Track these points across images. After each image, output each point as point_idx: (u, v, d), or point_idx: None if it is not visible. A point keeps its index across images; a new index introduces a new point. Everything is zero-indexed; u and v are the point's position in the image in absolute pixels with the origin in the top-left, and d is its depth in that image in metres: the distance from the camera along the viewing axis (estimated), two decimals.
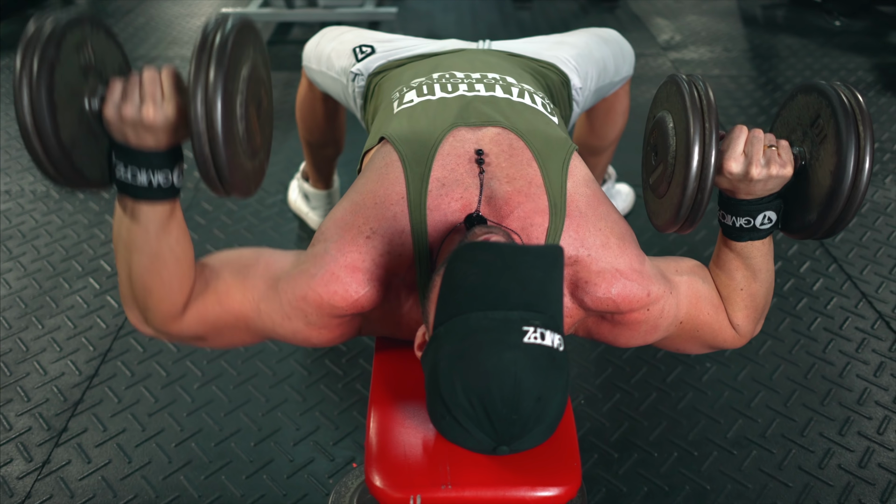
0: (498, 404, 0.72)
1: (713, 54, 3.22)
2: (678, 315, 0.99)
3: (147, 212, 0.87)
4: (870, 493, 1.30)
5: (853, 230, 2.00)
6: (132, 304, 0.97)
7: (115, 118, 0.81)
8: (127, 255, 0.91)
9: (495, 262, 0.74)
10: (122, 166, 0.84)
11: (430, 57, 1.38)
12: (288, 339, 0.98)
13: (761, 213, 0.96)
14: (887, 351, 1.60)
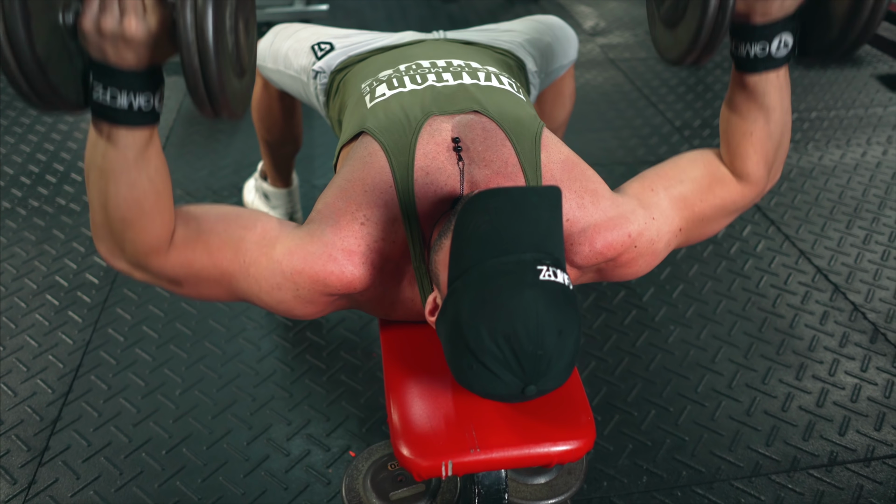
0: (524, 341, 0.76)
1: (637, 38, 3.37)
2: (672, 227, 1.04)
3: (125, 137, 0.83)
4: (829, 428, 1.42)
5: (785, 194, 2.15)
6: (106, 236, 0.93)
7: (93, 32, 0.77)
8: (102, 184, 0.87)
9: (505, 207, 0.78)
10: (101, 87, 0.79)
11: (391, 49, 1.41)
12: (268, 306, 0.99)
13: (777, 35, 0.93)
14: (828, 300, 1.74)
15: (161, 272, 0.95)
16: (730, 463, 1.36)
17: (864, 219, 2.04)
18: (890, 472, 1.34)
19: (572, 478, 1.12)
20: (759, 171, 1.07)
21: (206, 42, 0.74)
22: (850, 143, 2.42)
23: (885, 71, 2.97)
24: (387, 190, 0.98)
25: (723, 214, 1.10)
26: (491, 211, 0.79)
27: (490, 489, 0.95)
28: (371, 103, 1.12)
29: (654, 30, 1.07)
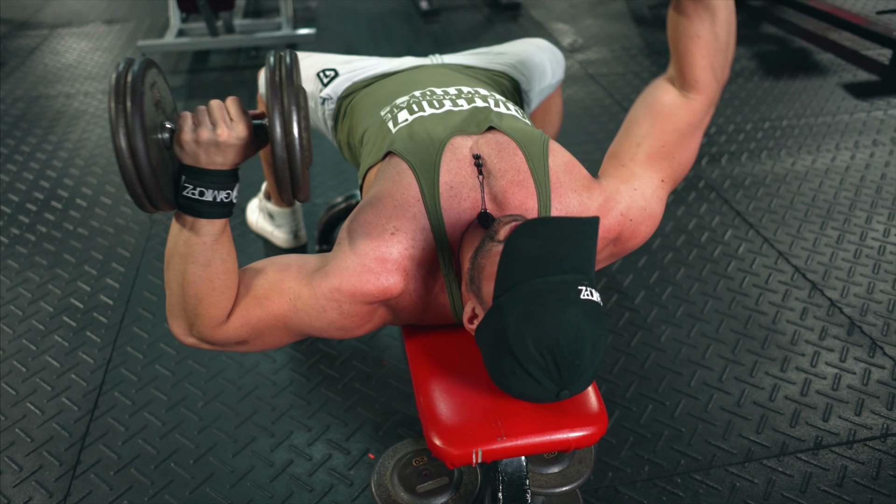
0: (565, 352, 0.86)
1: (614, 53, 3.51)
2: (654, 184, 1.15)
3: (206, 226, 0.97)
4: (813, 415, 1.53)
5: (761, 199, 2.28)
6: (179, 314, 1.05)
7: (190, 141, 0.92)
8: (182, 267, 1.00)
9: (556, 234, 0.89)
10: (192, 186, 0.94)
11: (395, 75, 1.50)
12: (324, 332, 1.09)
13: None
14: (807, 297, 1.86)
15: (227, 339, 1.07)
16: (724, 450, 1.46)
17: (836, 220, 2.17)
18: (871, 453, 1.45)
19: (583, 466, 1.22)
20: (707, 77, 1.17)
21: (292, 142, 0.90)
22: (821, 149, 2.57)
23: (849, 80, 3.14)
24: (415, 203, 1.07)
25: (689, 136, 1.20)
26: (541, 236, 0.89)
27: (513, 476, 1.04)
28: (395, 128, 1.22)
29: None
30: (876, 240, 2.08)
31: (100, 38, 3.84)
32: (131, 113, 0.85)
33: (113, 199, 2.36)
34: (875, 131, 2.69)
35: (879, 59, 3.33)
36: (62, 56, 3.61)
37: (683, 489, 1.39)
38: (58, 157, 2.63)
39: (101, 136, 2.80)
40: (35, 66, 3.50)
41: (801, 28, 3.79)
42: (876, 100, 2.94)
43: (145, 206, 0.93)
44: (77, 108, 3.03)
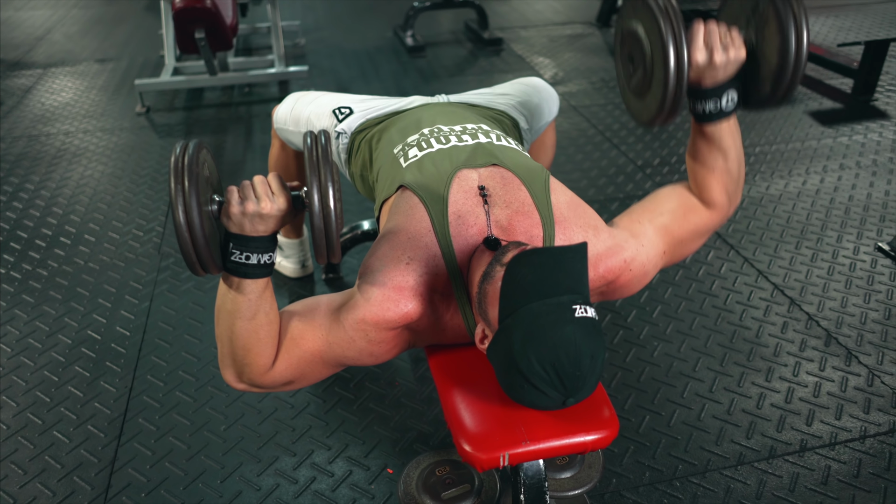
0: (566, 366, 0.97)
1: (594, 85, 3.68)
2: (658, 251, 1.27)
3: (250, 285, 1.08)
4: (797, 420, 1.66)
5: (740, 222, 2.43)
6: (230, 365, 1.16)
7: (237, 214, 1.03)
8: (230, 322, 1.11)
9: (547, 261, 1.00)
10: (238, 252, 1.05)
11: (405, 112, 1.62)
12: (357, 361, 1.19)
13: (725, 93, 1.18)
14: (786, 312, 2.00)
15: (274, 382, 1.17)
16: (717, 455, 1.58)
17: (809, 239, 2.32)
18: (852, 453, 1.57)
19: (593, 471, 1.32)
20: (722, 199, 1.31)
21: (329, 214, 1.01)
22: (792, 174, 2.73)
23: (815, 108, 3.33)
24: (427, 233, 1.18)
25: (697, 236, 1.34)
26: (534, 264, 1.00)
27: (533, 479, 1.13)
28: (406, 164, 1.33)
29: (626, 98, 1.29)
30: (847, 257, 2.23)
31: (94, 77, 3.93)
32: (188, 192, 0.96)
33: (120, 234, 2.44)
34: (841, 156, 2.87)
35: (842, 88, 3.54)
36: (58, 95, 3.69)
37: (682, 492, 1.50)
38: (62, 195, 2.71)
39: (103, 172, 2.88)
40: (32, 105, 3.57)
41: None
42: (841, 126, 3.13)
43: (197, 271, 1.03)
44: (78, 145, 3.12)
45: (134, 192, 2.73)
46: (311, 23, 4.86)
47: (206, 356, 1.88)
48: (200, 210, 0.98)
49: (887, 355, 1.84)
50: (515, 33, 4.57)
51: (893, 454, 1.56)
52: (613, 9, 4.65)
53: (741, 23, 1.18)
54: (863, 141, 2.99)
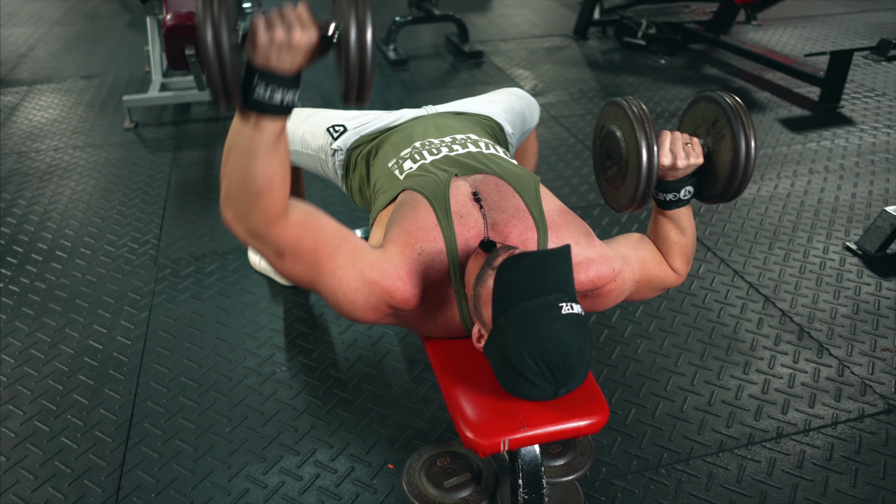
0: (555, 359, 1.05)
1: (572, 96, 3.80)
2: (634, 277, 1.37)
3: (270, 125, 1.05)
4: (774, 409, 1.76)
5: (716, 225, 2.54)
6: (236, 205, 1.14)
7: (265, 42, 0.98)
8: (243, 162, 1.09)
9: (534, 264, 1.08)
10: (263, 86, 1.01)
11: (398, 127, 1.70)
12: (338, 301, 1.21)
13: (684, 187, 1.36)
14: (761, 309, 2.11)
15: (275, 241, 1.17)
16: (700, 444, 1.67)
17: (781, 240, 2.44)
18: (824, 438, 1.67)
19: (584, 458, 1.41)
20: (682, 266, 1.45)
21: (364, 45, 0.99)
22: (764, 179, 2.86)
23: (785, 115, 3.48)
24: (434, 227, 1.26)
25: (657, 287, 1.44)
26: (522, 267, 1.08)
27: (530, 464, 1.22)
28: (402, 175, 1.42)
29: (602, 186, 1.46)
30: (817, 257, 2.35)
31: (80, 93, 3.97)
32: (218, 8, 0.93)
33: (115, 247, 2.49)
34: (810, 161, 3.00)
35: (810, 96, 3.69)
36: (45, 111, 3.73)
37: (668, 479, 1.58)
38: (55, 209, 2.75)
39: (95, 186, 2.92)
40: (20, 122, 3.61)
41: (740, 69, 4.16)
42: (809, 132, 3.28)
43: (221, 101, 1.00)
44: (68, 161, 3.16)
45: (126, 205, 2.78)
46: None
47: (208, 362, 1.94)
48: (230, 30, 0.93)
49: (856, 347, 1.95)
50: (495, 46, 4.69)
51: (863, 438, 1.67)
52: (590, 21, 4.78)
53: (701, 131, 1.36)
54: (830, 146, 3.13)
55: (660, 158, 1.30)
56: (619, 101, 1.34)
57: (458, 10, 5.22)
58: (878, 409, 1.75)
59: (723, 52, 4.42)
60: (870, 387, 1.82)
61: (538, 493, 1.22)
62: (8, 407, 1.81)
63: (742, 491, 1.55)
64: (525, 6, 5.76)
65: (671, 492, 1.55)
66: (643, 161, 1.26)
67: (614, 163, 1.36)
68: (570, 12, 5.49)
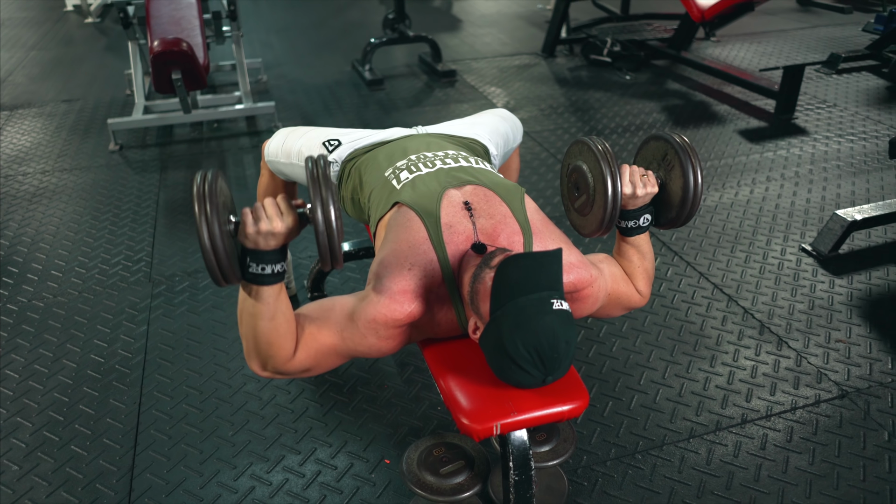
0: (546, 349, 1.19)
1: (543, 112, 3.97)
2: (607, 289, 1.51)
3: (267, 291, 1.26)
4: (738, 398, 1.91)
5: (682, 231, 2.70)
6: (255, 357, 1.34)
7: (253, 233, 1.21)
8: (253, 323, 1.29)
9: (531, 263, 1.22)
10: (255, 264, 1.23)
11: (391, 142, 1.83)
12: (366, 353, 1.38)
13: (643, 215, 1.52)
14: (725, 307, 2.27)
15: (296, 370, 1.36)
16: (672, 431, 1.81)
17: (742, 244, 2.61)
18: (785, 422, 1.83)
19: (567, 444, 1.54)
20: (645, 289, 1.60)
21: (330, 225, 1.18)
22: (725, 187, 3.04)
23: (743, 127, 3.68)
24: (424, 242, 1.39)
25: (623, 305, 1.58)
26: (520, 266, 1.21)
27: (519, 448, 1.34)
28: (399, 185, 1.54)
29: (570, 215, 1.62)
30: (775, 258, 2.52)
31: (63, 117, 4.04)
32: (211, 215, 1.13)
33: (109, 265, 2.57)
34: (768, 169, 3.20)
35: (766, 108, 3.91)
36: (29, 135, 3.79)
37: (643, 463, 1.72)
38: (47, 231, 2.82)
39: (85, 207, 3.00)
40: (4, 145, 3.66)
41: (700, 84, 4.37)
42: (766, 143, 3.48)
43: (219, 282, 1.20)
44: (56, 183, 3.23)
45: (117, 224, 2.86)
46: (270, 59, 5.06)
47: (207, 371, 2.03)
48: (222, 231, 1.14)
49: (812, 340, 2.11)
50: (467, 65, 4.86)
51: (819, 422, 1.82)
52: (557, 40, 4.98)
53: (654, 165, 1.55)
54: (786, 155, 3.34)
55: (622, 188, 1.47)
56: (584, 140, 1.51)
57: (431, 30, 5.39)
58: (833, 394, 1.91)
59: (684, 68, 4.64)
60: (825, 375, 1.98)
61: (527, 474, 1.35)
62: (16, 419, 1.89)
63: (711, 472, 1.69)
64: (494, 26, 5.96)
65: (647, 475, 1.69)
66: (608, 188, 1.42)
67: (582, 193, 1.53)
68: (538, 31, 5.69)
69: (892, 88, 4.18)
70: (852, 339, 2.11)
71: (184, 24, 3.31)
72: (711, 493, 1.64)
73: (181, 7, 3.38)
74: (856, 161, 3.27)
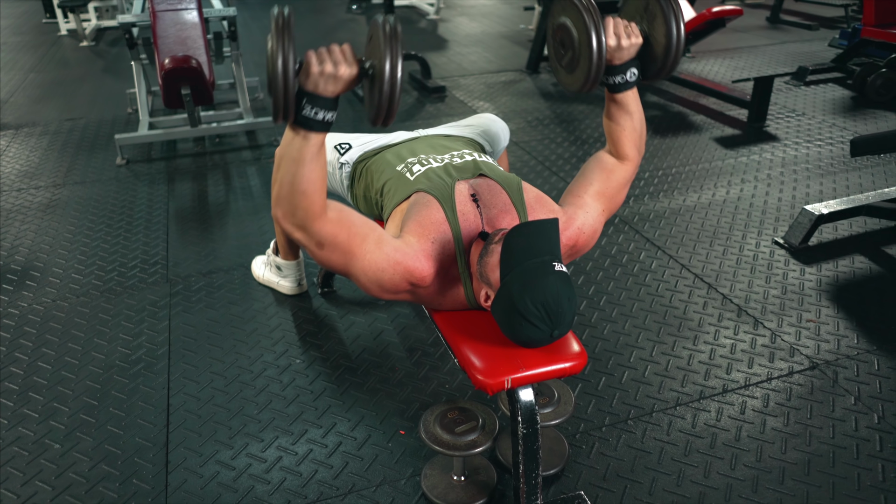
0: (552, 304, 1.36)
1: (530, 124, 4.18)
2: (598, 212, 1.69)
3: (314, 138, 1.38)
4: (719, 370, 2.09)
5: (664, 228, 2.90)
6: (285, 204, 1.43)
7: (316, 73, 1.31)
8: (294, 168, 1.38)
9: (533, 231, 1.40)
10: (310, 107, 1.33)
11: (398, 144, 2.02)
12: (367, 280, 1.51)
13: (629, 69, 1.63)
14: (706, 294, 2.46)
15: (317, 234, 1.46)
16: (660, 400, 1.99)
17: (720, 239, 2.81)
18: (762, 391, 2.01)
19: (568, 406, 1.71)
20: (633, 153, 1.76)
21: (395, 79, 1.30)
22: (703, 188, 3.26)
23: (718, 134, 3.92)
24: (443, 223, 1.56)
25: (622, 187, 1.76)
26: (524, 234, 1.39)
27: (527, 405, 1.51)
28: (413, 177, 1.72)
29: (558, 74, 1.72)
30: (750, 250, 2.73)
31: (69, 134, 4.19)
32: (287, 46, 1.23)
33: (127, 269, 2.72)
34: (742, 172, 3.42)
35: (739, 118, 4.15)
36: (37, 152, 3.93)
37: (635, 429, 1.90)
38: (63, 238, 2.96)
39: (98, 216, 3.15)
40: (15, 161, 3.80)
41: (678, 96, 4.62)
42: (740, 148, 3.71)
43: (279, 115, 1.29)
44: (69, 195, 3.38)
45: (131, 232, 3.01)
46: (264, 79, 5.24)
47: (229, 359, 2.19)
48: (295, 62, 1.23)
49: (785, 320, 2.31)
50: (455, 81, 5.08)
51: (793, 389, 2.01)
52: (541, 57, 5.22)
53: (637, 18, 1.65)
54: (758, 159, 3.57)
55: (607, 40, 1.56)
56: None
57: (419, 49, 5.62)
58: (805, 366, 2.10)
59: (662, 82, 4.89)
60: (797, 350, 2.17)
61: (534, 427, 1.52)
62: (53, 404, 2.02)
63: (697, 434, 1.87)
64: (480, 45, 6.20)
65: (639, 438, 1.86)
66: (593, 41, 1.52)
67: (568, 49, 1.62)
68: (521, 49, 5.94)
69: (857, 98, 4.45)
70: (821, 319, 2.31)
71: (189, 44, 3.49)
72: (697, 451, 1.81)
73: (186, 27, 3.56)
74: (823, 164, 3.51)
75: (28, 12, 8.18)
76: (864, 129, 3.95)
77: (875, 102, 4.35)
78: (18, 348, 2.27)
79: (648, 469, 1.76)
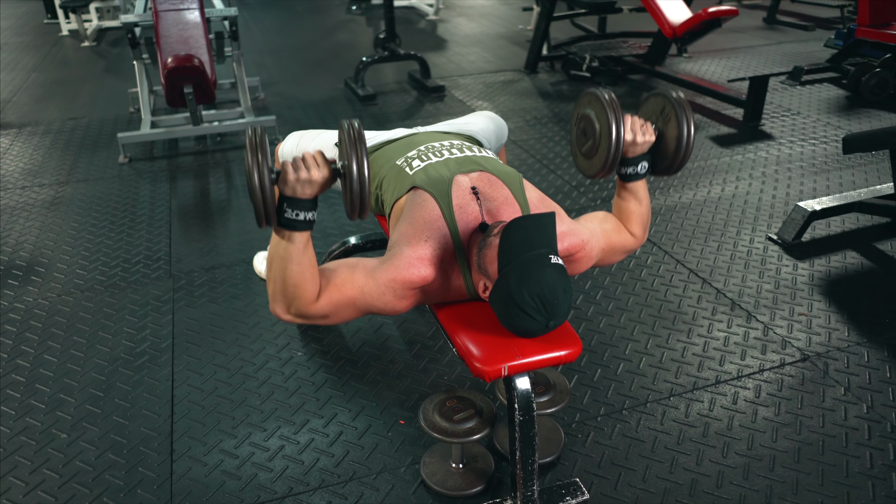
0: (547, 296, 1.40)
1: (528, 123, 4.23)
2: (601, 246, 1.73)
3: (299, 237, 1.45)
4: (713, 362, 2.14)
5: (661, 224, 2.95)
6: (280, 300, 1.51)
7: (293, 180, 1.40)
8: (283, 266, 1.47)
9: (530, 226, 1.44)
10: (291, 210, 1.43)
11: (398, 140, 2.06)
12: (380, 309, 1.56)
13: (640, 162, 1.74)
14: (700, 289, 2.51)
15: (316, 314, 1.54)
16: (654, 391, 2.03)
17: (715, 235, 2.86)
18: (754, 382, 2.05)
19: (563, 395, 1.75)
20: (639, 231, 1.83)
21: (363, 179, 1.40)
22: (699, 186, 3.30)
23: (715, 133, 3.96)
24: (438, 219, 1.61)
25: (620, 252, 1.81)
26: (522, 227, 1.44)
27: (523, 393, 1.55)
28: (412, 171, 1.77)
29: (577, 158, 1.85)
30: (745, 246, 2.77)
31: (71, 133, 4.23)
32: (262, 162, 1.34)
33: (130, 264, 2.76)
34: (737, 170, 3.46)
35: (735, 117, 4.20)
36: (40, 150, 3.98)
37: (630, 418, 1.94)
38: (67, 234, 3.01)
39: (102, 213, 3.19)
40: (17, 160, 3.84)
41: None
42: (735, 147, 3.76)
43: (262, 221, 1.39)
44: (72, 193, 3.42)
45: (134, 228, 3.05)
46: (266, 79, 5.29)
47: (232, 352, 2.23)
48: (269, 176, 1.33)
49: (777, 314, 2.35)
50: (454, 81, 5.12)
51: (784, 380, 2.06)
52: (539, 57, 5.27)
53: (653, 118, 1.78)
54: (753, 158, 3.61)
55: (625, 135, 1.68)
56: (594, 91, 1.72)
57: (418, 50, 5.66)
58: (796, 358, 2.15)
59: (658, 81, 4.94)
60: (789, 342, 2.22)
61: (530, 415, 1.56)
62: (59, 395, 2.07)
63: (690, 423, 1.91)
64: (478, 45, 6.25)
65: (633, 427, 1.90)
66: (612, 133, 1.64)
67: (589, 137, 1.74)
68: (520, 49, 5.99)
69: (851, 97, 4.50)
70: (813, 313, 2.36)
71: (192, 43, 3.53)
72: (690, 440, 1.86)
73: (188, 27, 3.61)
74: (817, 161, 3.55)
75: (29, 13, 8.23)
76: (857, 127, 4.00)
77: (869, 102, 4.40)
78: (24, 342, 2.31)
79: (642, 457, 1.81)
